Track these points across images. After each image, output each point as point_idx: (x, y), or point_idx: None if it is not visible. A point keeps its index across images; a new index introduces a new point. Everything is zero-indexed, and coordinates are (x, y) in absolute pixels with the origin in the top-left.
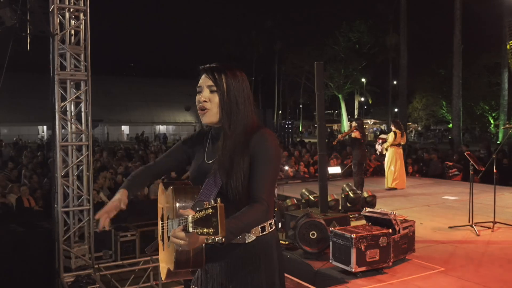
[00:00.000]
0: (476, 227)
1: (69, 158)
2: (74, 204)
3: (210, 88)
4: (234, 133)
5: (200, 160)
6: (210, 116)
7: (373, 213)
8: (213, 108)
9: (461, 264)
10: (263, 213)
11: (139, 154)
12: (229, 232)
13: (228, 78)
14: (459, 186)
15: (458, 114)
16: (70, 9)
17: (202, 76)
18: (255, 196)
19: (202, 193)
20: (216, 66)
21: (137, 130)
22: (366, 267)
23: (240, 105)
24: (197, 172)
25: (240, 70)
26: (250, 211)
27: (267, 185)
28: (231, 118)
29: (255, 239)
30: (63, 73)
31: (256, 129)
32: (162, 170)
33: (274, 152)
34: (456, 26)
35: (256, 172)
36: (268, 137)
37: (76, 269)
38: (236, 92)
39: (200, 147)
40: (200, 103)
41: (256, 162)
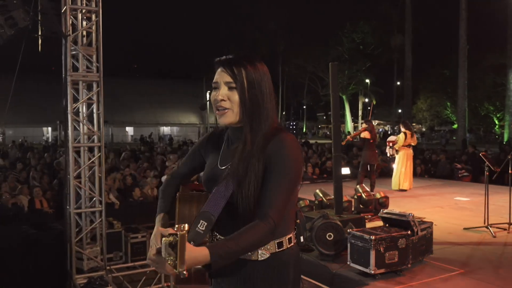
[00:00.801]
0: (492, 228)
1: (81, 159)
2: (86, 205)
3: (229, 85)
4: (256, 137)
5: (213, 164)
6: (230, 117)
7: (390, 214)
8: (234, 107)
9: (480, 266)
10: (266, 234)
11: (146, 156)
12: (217, 256)
13: (249, 72)
14: (470, 187)
15: (464, 115)
16: (82, 10)
17: (218, 70)
18: (262, 213)
19: (209, 203)
20: (234, 58)
21: (141, 131)
22: (385, 269)
23: (262, 103)
24: (209, 177)
25: (260, 61)
26: (250, 232)
27: (279, 200)
28: (253, 119)
29: (270, 256)
30: (75, 74)
31: (275, 131)
32: (186, 175)
33: (293, 161)
34: (462, 26)
35: (269, 183)
36: (287, 143)
37: (88, 271)
38: (258, 88)
39: (215, 149)
40: (217, 102)
41: (271, 171)
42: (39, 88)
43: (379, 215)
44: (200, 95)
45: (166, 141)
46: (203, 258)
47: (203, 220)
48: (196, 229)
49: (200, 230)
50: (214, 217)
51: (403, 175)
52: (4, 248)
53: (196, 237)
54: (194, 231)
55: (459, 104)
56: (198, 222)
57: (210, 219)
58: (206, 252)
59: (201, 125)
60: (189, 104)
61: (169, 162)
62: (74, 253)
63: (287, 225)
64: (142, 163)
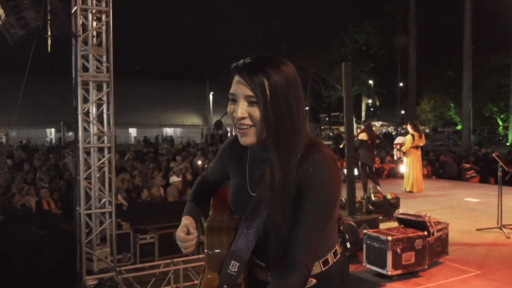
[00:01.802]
0: (505, 229)
1: (91, 160)
2: (96, 206)
3: (249, 99)
4: (286, 166)
5: (241, 187)
6: (253, 136)
7: (406, 215)
8: (257, 124)
9: (497, 268)
10: (300, 286)
11: (151, 157)
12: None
13: (272, 81)
14: (479, 188)
15: (468, 116)
16: (93, 11)
17: (236, 79)
18: (293, 260)
19: (240, 240)
20: (253, 63)
21: (144, 133)
22: (402, 270)
23: (289, 118)
24: (238, 202)
25: (286, 62)
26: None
27: (313, 242)
28: (279, 140)
29: (316, 281)
30: (85, 75)
31: (309, 150)
32: (215, 182)
33: (330, 189)
34: (466, 27)
35: (300, 220)
36: (324, 166)
37: (98, 272)
38: (284, 100)
39: (238, 165)
40: (237, 119)
41: (304, 201)
42: (43, 90)
43: (394, 215)
44: (203, 96)
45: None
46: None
47: (234, 260)
48: (228, 271)
49: (232, 272)
50: (246, 256)
51: (412, 176)
52: (14, 249)
53: (228, 279)
54: (225, 274)
55: (464, 105)
56: (229, 263)
57: (242, 259)
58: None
59: (204, 126)
60: (192, 105)
61: (174, 164)
62: (84, 254)
63: (329, 240)
64: (148, 164)
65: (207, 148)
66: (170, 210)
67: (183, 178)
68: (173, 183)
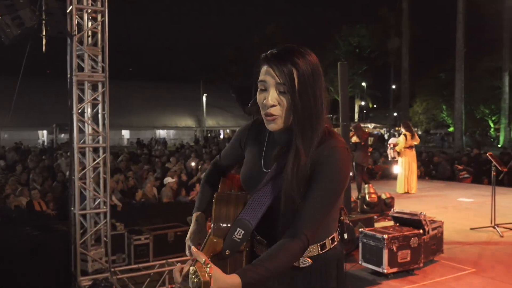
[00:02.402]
0: (499, 228)
1: (86, 160)
2: (91, 206)
3: (279, 88)
4: (309, 149)
5: (256, 165)
6: (280, 123)
7: (401, 213)
8: (284, 113)
9: (491, 265)
10: (298, 254)
11: (145, 158)
12: (249, 284)
13: (301, 72)
14: (472, 189)
15: (461, 118)
16: (88, 10)
17: (265, 68)
18: (296, 229)
19: (248, 210)
20: (283, 54)
21: (138, 135)
22: (398, 268)
23: (315, 107)
24: (251, 178)
25: (310, 53)
26: (281, 254)
27: (318, 217)
28: (305, 127)
29: (312, 262)
30: (81, 75)
31: (326, 136)
32: (228, 168)
33: (340, 172)
34: (459, 29)
35: (310, 196)
36: (337, 151)
37: (93, 273)
38: (311, 90)
39: (255, 145)
40: (267, 107)
41: (315, 180)
42: (35, 91)
43: (390, 214)
44: (197, 98)
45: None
46: (233, 286)
47: (240, 228)
48: (232, 237)
49: (236, 238)
50: (252, 225)
51: (406, 177)
52: (8, 249)
53: (232, 245)
54: (230, 239)
55: (456, 107)
56: (235, 230)
57: (247, 228)
58: (238, 281)
59: (197, 128)
60: (186, 107)
61: (170, 165)
62: (79, 255)
63: (330, 226)
64: (142, 165)
65: (200, 149)
66: (165, 211)
67: (178, 179)
68: (168, 184)
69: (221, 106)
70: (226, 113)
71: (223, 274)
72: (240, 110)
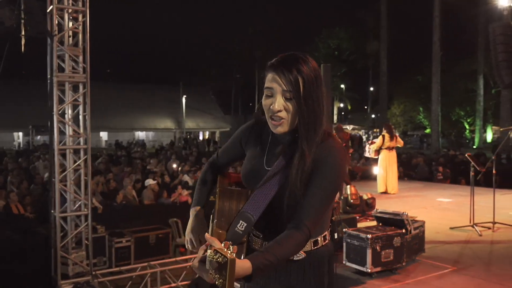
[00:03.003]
0: (477, 227)
1: (67, 162)
2: (72, 209)
3: (285, 95)
4: (311, 149)
5: (258, 164)
6: (285, 127)
7: (384, 213)
8: (289, 117)
9: (471, 264)
10: (302, 244)
11: (126, 160)
12: (258, 269)
13: (306, 80)
14: (450, 189)
15: (437, 120)
16: (69, 10)
17: (272, 75)
18: (299, 221)
19: (250, 204)
20: (289, 62)
21: (116, 137)
22: (381, 268)
23: (318, 111)
24: (252, 175)
25: (312, 61)
26: (287, 243)
27: (317, 210)
28: (309, 130)
29: (305, 255)
30: (61, 75)
31: (325, 137)
32: (226, 165)
33: (337, 171)
34: (435, 33)
35: (310, 190)
36: (335, 151)
37: (73, 276)
38: (315, 96)
39: (258, 144)
40: (273, 112)
41: (314, 177)
42: (10, 92)
43: (373, 214)
44: (176, 100)
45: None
46: (245, 271)
47: (242, 220)
48: (235, 229)
49: (239, 230)
50: (254, 219)
51: (383, 177)
52: None
53: (235, 237)
54: (233, 231)
55: (433, 109)
56: (238, 222)
57: (250, 220)
58: (248, 265)
59: (177, 130)
60: (165, 109)
61: (151, 166)
62: (59, 258)
63: (323, 224)
64: (123, 167)
65: (180, 151)
66: (146, 213)
67: (161, 180)
68: (149, 186)
69: (201, 108)
70: (206, 115)
71: (236, 258)
72: (220, 112)
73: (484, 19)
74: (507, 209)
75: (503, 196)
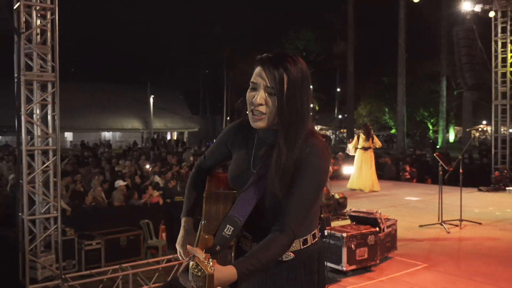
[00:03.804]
0: (445, 225)
1: (35, 163)
2: (40, 211)
3: (268, 90)
4: (291, 149)
5: (244, 165)
6: (264, 122)
7: (358, 212)
8: (270, 113)
9: (441, 260)
10: (286, 247)
11: (93, 161)
12: (243, 275)
13: (291, 78)
14: (417, 188)
15: (403, 120)
16: (37, 7)
17: (258, 69)
18: (283, 224)
19: (237, 207)
20: (277, 59)
21: (81, 137)
22: (356, 266)
23: (301, 111)
24: (239, 177)
25: (301, 61)
26: (271, 247)
27: (301, 211)
28: (289, 129)
29: (295, 255)
30: (29, 74)
31: (308, 136)
32: (213, 167)
33: (320, 170)
34: (401, 35)
35: (293, 192)
36: (318, 151)
37: (42, 280)
38: (298, 95)
39: (243, 145)
40: (254, 105)
41: (297, 177)
42: None
43: (347, 213)
44: (144, 100)
45: (105, 146)
46: (231, 277)
47: (229, 225)
48: (222, 233)
49: (226, 234)
50: (241, 222)
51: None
52: None
53: (222, 241)
54: (220, 236)
55: (399, 109)
56: (225, 227)
57: (237, 224)
58: (233, 271)
59: (144, 130)
60: (133, 109)
61: (119, 167)
62: (28, 262)
63: (311, 222)
64: (90, 168)
65: (148, 152)
66: (116, 214)
67: (130, 181)
68: (119, 187)
69: (169, 108)
70: (174, 115)
71: (221, 266)
72: (188, 112)
73: (446, 23)
74: (472, 207)
75: (467, 195)
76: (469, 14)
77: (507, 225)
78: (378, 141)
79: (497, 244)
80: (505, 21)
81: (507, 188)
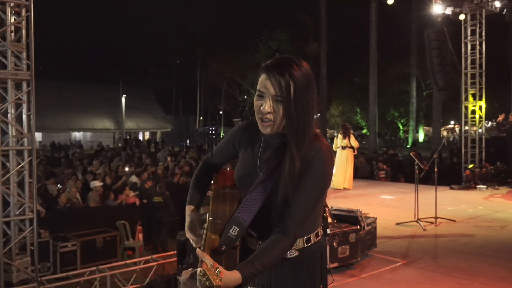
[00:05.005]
0: (421, 222)
1: (10, 163)
2: (15, 213)
3: (275, 98)
4: (301, 153)
5: (251, 167)
6: (272, 128)
7: (339, 210)
8: (278, 119)
9: (419, 257)
10: (288, 248)
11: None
12: (247, 278)
13: (297, 84)
14: (392, 187)
15: (374, 120)
16: (11, 4)
17: (264, 77)
18: (285, 226)
19: (243, 208)
20: (282, 66)
21: (51, 137)
22: (338, 263)
23: (308, 116)
24: (245, 178)
25: (306, 66)
26: (274, 249)
27: (304, 213)
28: (298, 135)
29: (299, 253)
30: (3, 72)
31: (313, 140)
32: (219, 165)
33: (324, 172)
34: (372, 37)
35: (297, 195)
36: (322, 154)
37: (17, 284)
38: (305, 101)
39: (250, 146)
40: (262, 114)
41: (300, 181)
42: None
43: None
44: (116, 100)
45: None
46: (235, 282)
47: (235, 225)
48: (228, 234)
49: (232, 235)
50: (246, 223)
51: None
52: None
53: (228, 241)
54: (226, 236)
55: (370, 110)
56: (230, 227)
57: (242, 225)
58: (238, 276)
59: (116, 130)
60: (104, 108)
61: (93, 168)
62: (2, 265)
63: (315, 222)
64: (63, 169)
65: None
66: (92, 215)
67: (103, 182)
68: (94, 188)
69: (141, 108)
70: (146, 115)
71: (227, 273)
72: (161, 112)
73: (416, 25)
74: (445, 204)
75: (440, 193)
76: (440, 17)
77: (479, 222)
78: (355, 141)
79: (471, 240)
80: (474, 24)
81: (477, 186)
